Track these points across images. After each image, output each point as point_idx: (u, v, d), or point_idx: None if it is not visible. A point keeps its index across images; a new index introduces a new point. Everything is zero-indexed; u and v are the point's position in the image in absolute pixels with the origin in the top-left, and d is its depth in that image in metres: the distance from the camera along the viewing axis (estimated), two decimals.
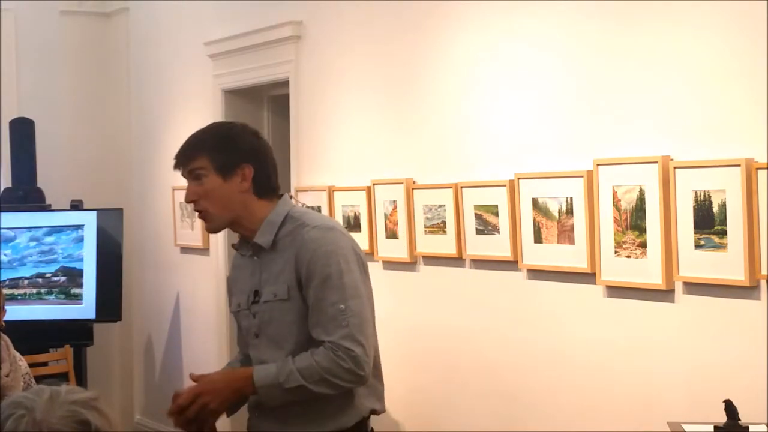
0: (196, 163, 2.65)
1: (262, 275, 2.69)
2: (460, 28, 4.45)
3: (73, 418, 1.54)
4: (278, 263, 2.66)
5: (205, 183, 2.63)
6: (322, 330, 2.63)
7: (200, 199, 2.64)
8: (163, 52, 6.99)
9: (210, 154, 2.65)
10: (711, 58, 3.40)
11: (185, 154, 2.71)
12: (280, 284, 2.65)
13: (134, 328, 7.37)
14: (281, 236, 2.66)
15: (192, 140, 2.73)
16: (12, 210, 6.57)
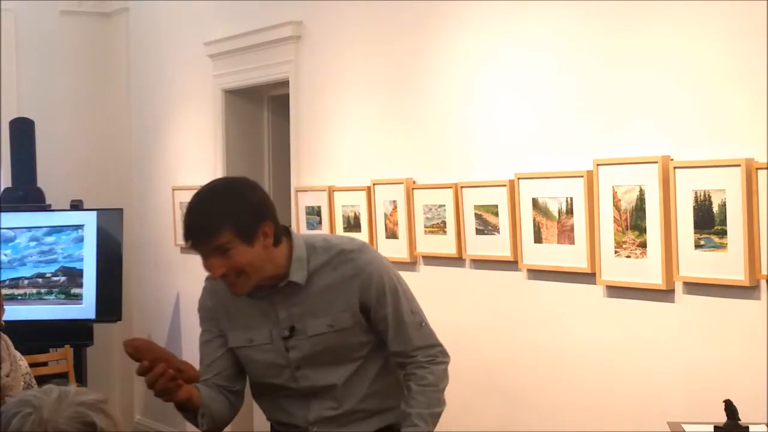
0: (221, 239, 2.52)
1: (292, 310, 2.66)
2: (460, 28, 4.45)
3: (80, 419, 1.55)
4: (325, 295, 2.64)
5: (232, 255, 2.54)
6: (405, 340, 2.70)
7: (229, 270, 2.56)
8: (163, 52, 6.99)
9: (232, 225, 2.53)
10: (711, 58, 3.40)
11: (206, 232, 2.54)
12: (338, 314, 2.65)
13: (134, 328, 7.37)
14: (315, 268, 2.65)
15: (208, 214, 2.56)
16: (12, 210, 6.57)
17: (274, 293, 2.66)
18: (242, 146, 6.33)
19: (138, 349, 2.46)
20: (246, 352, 2.72)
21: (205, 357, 2.75)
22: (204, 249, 2.56)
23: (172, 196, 6.78)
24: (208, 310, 2.78)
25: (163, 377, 2.47)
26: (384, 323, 2.69)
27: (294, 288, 2.64)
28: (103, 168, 7.51)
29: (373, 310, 2.67)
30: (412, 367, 2.71)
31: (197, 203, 2.59)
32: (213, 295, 2.76)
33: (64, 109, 7.43)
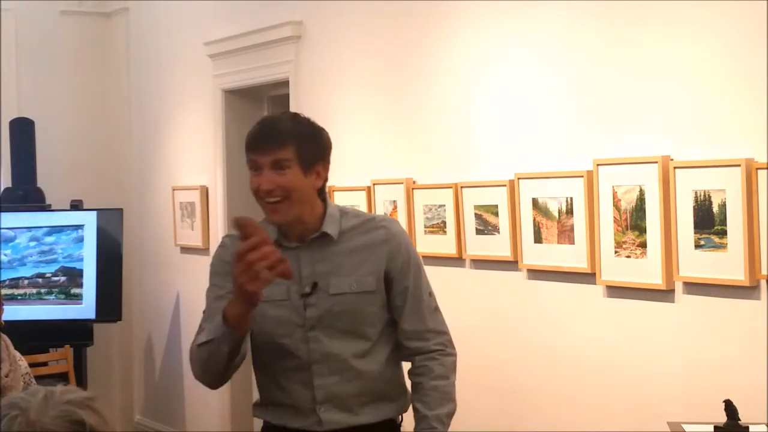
0: (284, 153, 2.53)
1: (316, 267, 2.63)
2: (460, 28, 4.45)
3: (67, 417, 1.53)
4: (353, 256, 2.64)
5: (288, 174, 2.54)
6: (420, 319, 2.71)
7: (278, 190, 2.54)
8: (163, 52, 6.99)
9: (298, 145, 2.55)
10: (711, 58, 3.40)
11: (274, 140, 2.55)
12: (363, 276, 2.64)
13: (134, 328, 7.37)
14: (346, 229, 2.65)
15: (280, 127, 2.58)
16: (12, 210, 6.56)
17: (300, 248, 2.63)
18: (242, 146, 6.30)
19: (247, 225, 2.35)
20: (261, 307, 2.59)
21: (215, 312, 2.63)
22: (264, 158, 2.54)
23: (172, 196, 6.78)
24: (224, 264, 2.67)
25: (270, 258, 2.33)
26: (402, 297, 2.68)
27: (322, 244, 2.63)
28: (103, 168, 7.51)
29: (395, 281, 2.67)
30: (422, 359, 2.70)
31: (275, 116, 2.67)
32: (228, 250, 2.66)
33: (64, 109, 7.43)
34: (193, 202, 6.56)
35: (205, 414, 6.59)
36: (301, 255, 2.62)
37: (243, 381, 6.00)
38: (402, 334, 2.70)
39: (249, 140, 2.60)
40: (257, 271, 2.33)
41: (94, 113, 7.53)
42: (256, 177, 2.56)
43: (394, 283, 2.67)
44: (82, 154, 7.46)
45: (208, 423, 6.53)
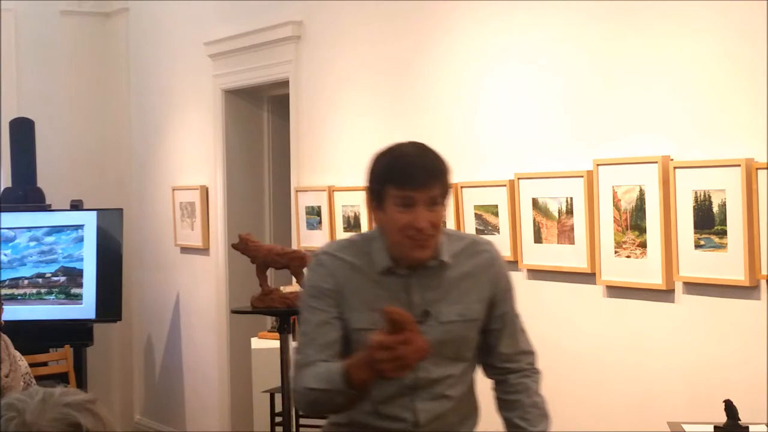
0: (437, 189, 2.45)
1: (426, 294, 2.54)
2: (460, 29, 4.45)
3: (64, 420, 1.52)
4: (461, 283, 2.56)
5: (438, 210, 2.46)
6: (515, 342, 2.66)
7: (430, 227, 2.45)
8: (163, 52, 6.98)
9: (444, 180, 2.48)
10: (711, 58, 3.40)
11: (431, 177, 2.45)
12: (471, 303, 2.57)
13: (134, 328, 7.37)
14: (453, 254, 2.56)
15: (434, 164, 2.49)
16: (12, 210, 6.56)
17: (411, 275, 2.54)
18: (242, 146, 6.33)
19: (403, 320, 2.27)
20: (365, 335, 2.48)
21: (320, 337, 2.53)
22: (421, 195, 2.43)
23: (172, 196, 6.78)
24: (326, 288, 2.56)
25: (421, 352, 2.28)
26: (501, 321, 2.63)
27: (433, 271, 2.54)
28: (103, 168, 7.51)
29: (496, 305, 2.61)
30: (517, 377, 2.67)
31: (418, 150, 2.51)
32: (332, 273, 2.56)
33: (64, 109, 7.43)
34: (193, 202, 6.56)
35: (204, 414, 6.59)
36: (411, 282, 2.53)
37: (243, 381, 6.00)
38: (497, 357, 2.66)
39: (403, 176, 2.45)
40: (404, 363, 2.27)
41: (94, 113, 7.53)
42: (406, 213, 2.44)
43: (495, 308, 2.62)
44: (82, 154, 7.46)
45: (207, 423, 6.53)
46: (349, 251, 2.56)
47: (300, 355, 2.53)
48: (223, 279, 6.27)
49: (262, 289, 4.35)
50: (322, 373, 2.43)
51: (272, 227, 6.37)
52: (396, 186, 2.43)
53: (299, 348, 2.56)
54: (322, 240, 5.33)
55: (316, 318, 2.56)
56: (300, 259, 4.33)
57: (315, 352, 2.51)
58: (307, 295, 2.60)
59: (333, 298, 2.55)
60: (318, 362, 2.48)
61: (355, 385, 2.36)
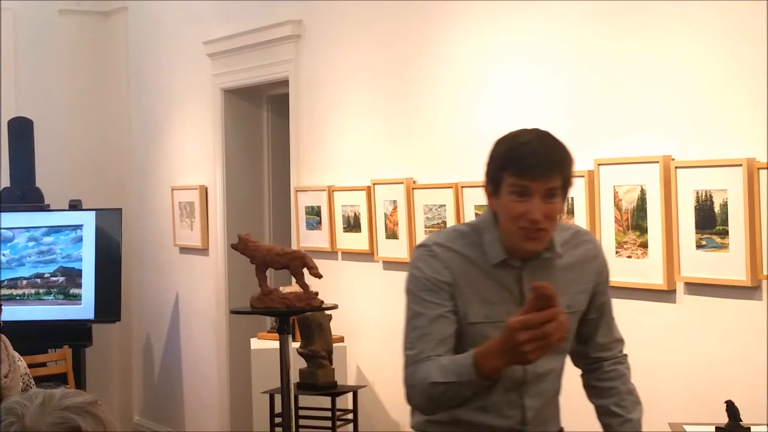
0: (556, 181, 2.37)
1: None
2: (460, 28, 4.44)
3: (63, 424, 1.51)
4: (566, 273, 2.50)
5: (555, 203, 2.38)
6: (610, 331, 2.65)
7: (545, 220, 2.37)
8: (162, 51, 6.97)
9: (565, 173, 2.40)
10: (712, 58, 3.39)
11: (551, 168, 2.37)
12: (576, 294, 2.53)
13: (133, 329, 7.36)
14: (560, 245, 2.50)
15: (556, 155, 2.41)
16: (10, 210, 6.55)
17: (523, 266, 2.47)
18: (242, 146, 6.32)
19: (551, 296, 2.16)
20: (482, 328, 2.45)
21: (436, 332, 2.43)
22: (538, 186, 2.35)
23: (171, 196, 6.77)
24: (442, 281, 2.46)
25: (564, 328, 2.18)
26: (599, 311, 2.59)
27: (543, 263, 2.48)
28: (102, 168, 7.50)
29: (597, 296, 2.58)
30: (611, 363, 2.66)
31: (541, 139, 2.43)
32: (448, 265, 2.47)
33: (63, 109, 7.41)
34: (192, 202, 6.54)
35: (204, 415, 6.58)
36: (523, 274, 2.47)
37: (242, 381, 5.99)
38: (593, 346, 2.64)
39: (520, 164, 2.38)
40: (549, 342, 2.18)
41: (93, 113, 7.51)
42: (521, 203, 2.36)
43: (595, 298, 2.58)
44: (81, 154, 7.45)
45: (207, 424, 6.52)
46: (460, 242, 2.48)
47: (414, 350, 2.43)
48: (223, 279, 6.26)
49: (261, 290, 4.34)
50: (447, 366, 2.34)
51: (272, 227, 6.36)
52: (512, 174, 2.36)
53: (411, 343, 2.45)
54: (322, 240, 5.33)
55: (430, 312, 2.45)
56: (300, 259, 4.31)
57: (431, 348, 2.41)
58: (418, 287, 2.48)
59: (448, 291, 2.45)
60: (437, 357, 2.39)
61: (486, 375, 2.28)
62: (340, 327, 5.04)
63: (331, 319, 4.81)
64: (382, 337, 5.00)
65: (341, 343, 5.07)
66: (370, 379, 5.08)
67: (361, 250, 5.04)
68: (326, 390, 4.74)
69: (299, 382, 4.75)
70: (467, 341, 2.42)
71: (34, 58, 7.33)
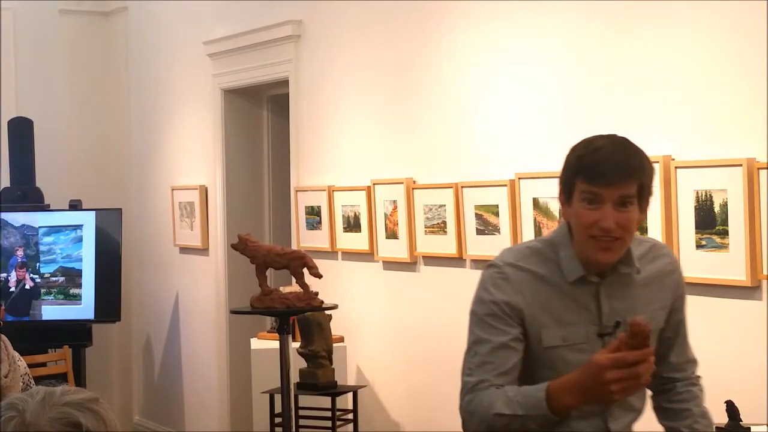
0: (630, 188, 2.24)
1: (614, 303, 2.35)
2: (460, 28, 4.44)
3: (63, 420, 1.51)
4: (645, 289, 2.38)
5: (629, 212, 2.25)
6: (684, 350, 2.54)
7: (617, 229, 2.25)
8: (162, 52, 6.97)
9: (642, 180, 2.27)
10: (712, 58, 3.39)
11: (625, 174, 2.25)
12: (655, 311, 2.40)
13: (133, 329, 7.35)
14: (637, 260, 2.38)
15: (631, 161, 2.27)
16: (11, 210, 6.55)
17: (600, 283, 2.34)
18: (242, 146, 6.32)
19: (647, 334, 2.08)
20: (559, 352, 2.33)
21: (498, 362, 2.31)
22: (610, 193, 2.24)
23: (171, 196, 6.77)
24: (511, 306, 2.34)
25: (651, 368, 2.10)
26: (675, 329, 2.48)
27: (620, 278, 2.35)
28: (102, 168, 7.50)
29: (674, 312, 2.46)
30: (684, 385, 2.53)
31: (615, 143, 2.30)
32: (519, 289, 2.34)
33: (63, 109, 7.41)
34: (192, 202, 6.54)
35: (204, 414, 6.58)
36: (600, 290, 2.34)
37: (242, 381, 5.99)
38: (666, 366, 2.50)
39: (592, 170, 2.26)
40: (638, 383, 2.10)
41: (93, 113, 7.51)
42: (593, 211, 2.25)
43: (672, 315, 2.46)
44: (81, 154, 7.45)
45: (207, 424, 6.51)
46: (534, 260, 2.37)
47: (473, 377, 2.34)
48: (223, 279, 6.26)
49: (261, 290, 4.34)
50: (514, 398, 2.24)
51: (272, 227, 6.36)
52: (584, 180, 2.26)
53: (471, 369, 2.36)
54: (322, 240, 5.32)
55: (494, 339, 2.34)
56: (300, 259, 4.31)
57: (493, 378, 2.31)
58: (484, 311, 2.36)
59: (518, 317, 2.33)
60: (500, 387, 2.29)
61: (559, 411, 2.18)
62: (340, 327, 5.04)
63: (331, 319, 4.81)
64: (382, 337, 5.00)
65: (341, 343, 5.07)
66: (370, 379, 5.08)
67: (361, 250, 5.05)
68: (326, 390, 4.74)
69: (299, 382, 4.75)
70: (543, 366, 2.32)
71: (34, 58, 7.33)
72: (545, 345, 2.33)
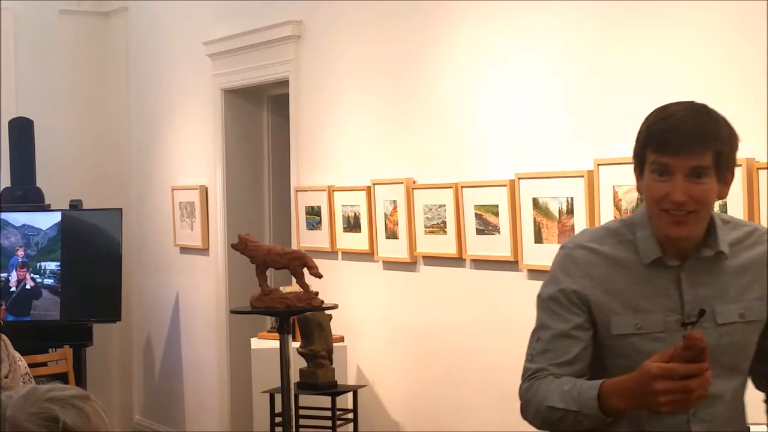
0: (705, 159, 2.08)
1: (698, 290, 2.17)
2: (460, 28, 4.45)
3: (43, 415, 1.49)
4: (739, 277, 2.20)
5: (704, 184, 2.09)
6: None
7: (690, 202, 2.09)
8: (163, 52, 6.98)
9: (718, 150, 2.09)
10: (711, 58, 3.39)
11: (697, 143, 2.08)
12: (752, 302, 2.19)
13: (134, 329, 7.36)
14: (730, 244, 2.20)
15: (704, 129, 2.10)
16: (11, 210, 6.55)
17: (681, 266, 2.17)
18: (242, 146, 6.32)
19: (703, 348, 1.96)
20: (632, 341, 2.17)
21: (559, 351, 2.19)
22: (681, 163, 2.08)
23: (172, 196, 6.77)
24: (575, 292, 2.21)
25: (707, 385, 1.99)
26: None
27: (707, 263, 2.18)
28: (102, 168, 7.50)
29: None
30: None
31: (691, 110, 2.13)
32: (587, 272, 2.20)
33: (63, 109, 7.41)
34: (192, 202, 6.55)
35: (204, 414, 6.58)
36: (681, 276, 2.17)
37: (242, 381, 5.99)
38: None
39: (660, 139, 2.12)
40: (688, 398, 1.98)
41: (93, 113, 7.51)
42: (663, 183, 2.11)
43: None
44: (81, 154, 7.45)
45: (207, 423, 6.52)
46: (609, 242, 2.21)
47: (533, 364, 2.22)
48: (223, 279, 6.26)
49: (261, 290, 4.34)
50: (569, 392, 2.12)
51: (272, 227, 6.37)
52: (653, 150, 2.12)
53: (532, 356, 2.24)
54: (322, 240, 5.33)
55: (556, 326, 2.23)
56: (300, 259, 4.31)
57: (553, 367, 2.19)
58: (547, 295, 2.27)
59: (583, 304, 2.20)
60: (559, 377, 2.17)
61: (609, 413, 2.06)
62: (340, 327, 5.05)
63: (331, 319, 4.81)
64: (382, 337, 5.00)
65: (341, 343, 5.08)
66: (370, 379, 5.08)
67: (361, 250, 5.05)
68: (326, 390, 4.74)
69: (299, 381, 4.75)
70: (615, 354, 2.18)
71: (34, 58, 7.33)
72: (614, 333, 2.18)
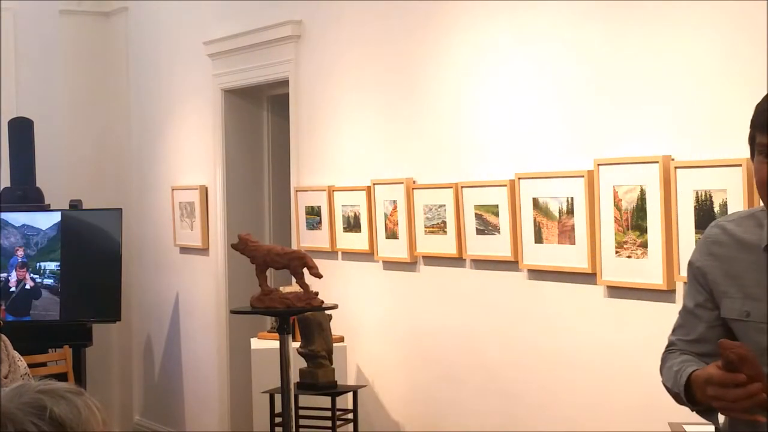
0: None
1: None
2: (460, 28, 4.45)
3: (32, 404, 1.49)
4: None
5: None
6: None
7: None
8: (163, 52, 6.98)
9: None
10: (712, 58, 3.39)
11: None
12: None
13: (133, 329, 7.36)
14: None
15: None
16: (11, 210, 6.55)
17: None
18: (242, 146, 6.32)
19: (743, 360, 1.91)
20: (740, 327, 2.11)
21: (688, 327, 2.19)
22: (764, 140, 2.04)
23: (172, 196, 6.77)
24: (697, 268, 2.18)
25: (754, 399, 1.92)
26: None
27: None
28: (102, 168, 7.50)
29: None
30: None
31: None
32: (710, 251, 2.16)
33: (64, 109, 7.41)
34: (192, 202, 6.54)
35: (204, 414, 6.58)
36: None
37: (242, 381, 5.99)
38: None
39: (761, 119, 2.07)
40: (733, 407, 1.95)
41: (93, 113, 7.52)
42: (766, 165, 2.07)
43: None
44: (81, 154, 7.45)
45: (207, 423, 6.52)
46: (746, 224, 2.14)
47: (672, 335, 2.26)
48: (223, 279, 6.26)
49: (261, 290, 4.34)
50: (674, 372, 2.12)
51: (272, 227, 6.37)
52: (759, 131, 2.07)
53: (674, 328, 2.27)
54: (322, 240, 5.33)
55: (687, 303, 2.24)
56: (300, 259, 4.31)
57: (682, 343, 2.20)
58: (689, 270, 2.25)
59: (703, 280, 2.17)
60: (681, 353, 2.18)
61: (694, 400, 2.05)
62: (340, 327, 5.05)
63: (331, 319, 4.81)
64: (382, 337, 5.00)
65: (341, 343, 5.07)
66: (370, 379, 5.08)
67: (361, 250, 5.05)
68: (326, 390, 4.74)
69: (299, 381, 4.75)
70: (734, 337, 2.11)
71: (34, 58, 7.33)
72: (723, 315, 2.15)
